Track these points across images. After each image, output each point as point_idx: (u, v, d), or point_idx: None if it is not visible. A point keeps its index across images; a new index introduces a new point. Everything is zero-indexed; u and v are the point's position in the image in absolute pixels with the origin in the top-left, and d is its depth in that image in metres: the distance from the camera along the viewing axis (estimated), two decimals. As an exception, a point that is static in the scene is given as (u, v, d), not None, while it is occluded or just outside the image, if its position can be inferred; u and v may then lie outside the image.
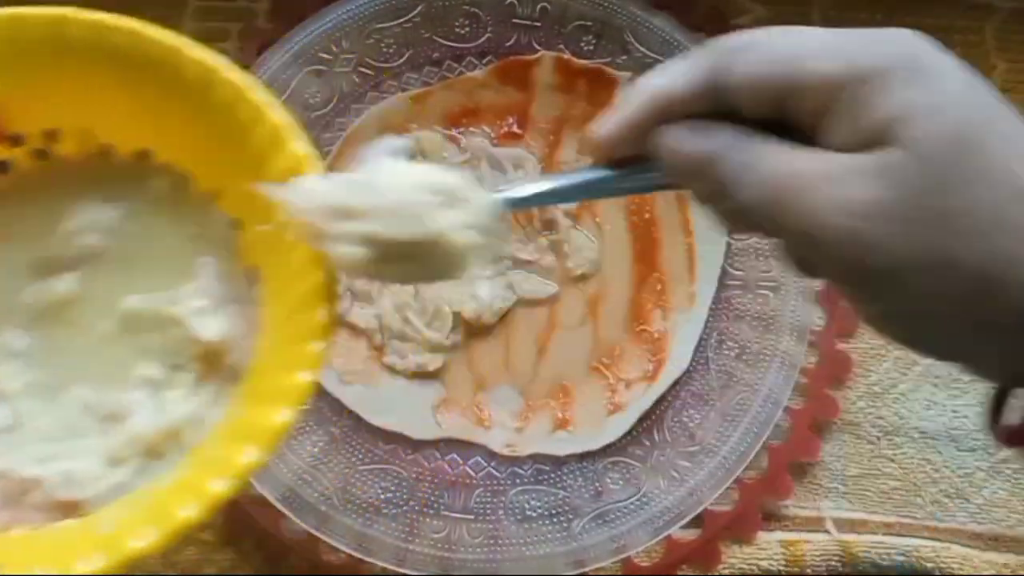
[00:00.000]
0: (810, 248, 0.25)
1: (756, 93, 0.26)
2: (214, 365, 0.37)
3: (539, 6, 0.49)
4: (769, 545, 0.44)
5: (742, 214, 0.27)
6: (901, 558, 0.43)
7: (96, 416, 0.35)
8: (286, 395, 0.30)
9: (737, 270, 0.46)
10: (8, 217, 0.36)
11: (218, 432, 0.32)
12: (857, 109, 0.24)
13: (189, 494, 0.29)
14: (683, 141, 0.27)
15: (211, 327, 0.36)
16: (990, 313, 0.24)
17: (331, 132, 0.49)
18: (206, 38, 0.50)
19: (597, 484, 0.44)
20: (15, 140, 0.36)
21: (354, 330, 0.46)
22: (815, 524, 0.44)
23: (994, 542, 0.44)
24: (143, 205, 0.37)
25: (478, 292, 0.46)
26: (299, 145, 0.32)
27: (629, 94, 0.28)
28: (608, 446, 0.44)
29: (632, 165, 0.29)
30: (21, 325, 0.36)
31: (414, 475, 0.44)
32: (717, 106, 0.26)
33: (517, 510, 0.43)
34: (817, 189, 0.24)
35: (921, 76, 0.24)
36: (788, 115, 0.26)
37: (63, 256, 0.36)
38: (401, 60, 0.49)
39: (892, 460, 0.45)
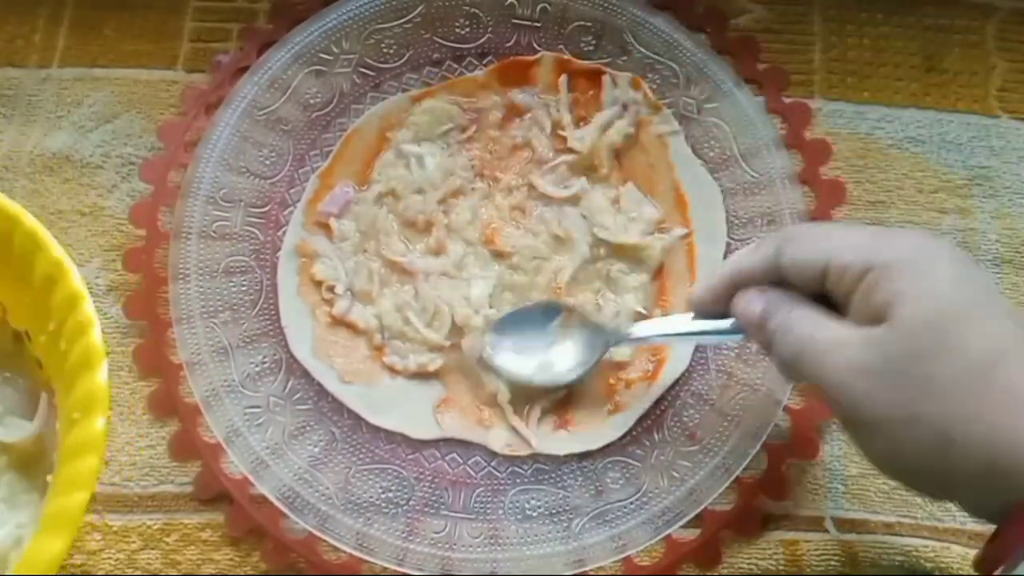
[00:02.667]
0: (823, 396, 0.33)
1: (800, 274, 0.34)
2: (33, 470, 0.38)
3: (539, 6, 0.49)
4: (769, 545, 0.43)
5: (782, 365, 0.35)
6: (901, 558, 0.43)
7: None
8: (59, 521, 0.31)
9: (737, 270, 0.46)
10: None
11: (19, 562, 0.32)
12: (869, 293, 0.31)
13: None
14: (745, 299, 0.36)
15: (13, 431, 0.38)
16: (946, 455, 0.30)
17: (331, 132, 0.49)
18: (206, 38, 0.51)
19: (597, 484, 0.44)
20: None
21: (354, 330, 0.46)
22: (815, 524, 0.44)
23: (994, 542, 0.44)
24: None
25: (471, 292, 0.46)
26: (53, 250, 0.36)
27: (719, 268, 0.38)
28: (608, 446, 0.44)
29: (721, 318, 0.38)
30: None
31: (414, 475, 0.44)
32: (780, 280, 0.35)
33: (517, 510, 0.43)
34: (828, 352, 0.32)
35: (916, 270, 0.31)
36: (827, 291, 0.33)
37: None
38: (401, 60, 0.49)
39: (892, 460, 0.45)
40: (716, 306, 0.38)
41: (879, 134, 0.50)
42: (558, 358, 0.44)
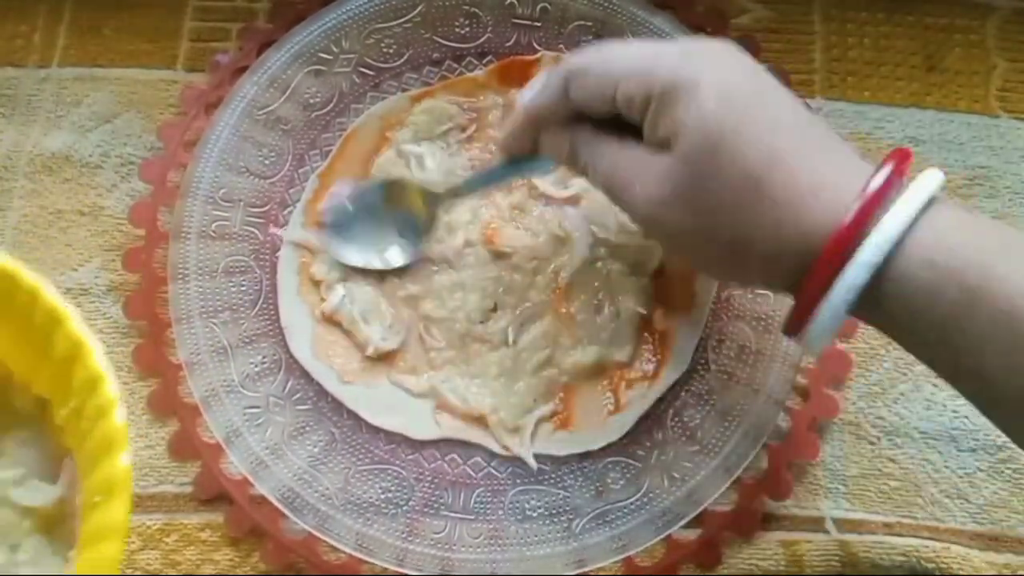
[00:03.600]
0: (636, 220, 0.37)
1: (592, 108, 0.36)
2: (58, 533, 0.37)
3: (539, 6, 0.49)
4: (769, 545, 0.44)
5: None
6: (901, 558, 0.43)
7: None
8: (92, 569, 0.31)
9: (737, 270, 0.46)
10: None
11: None
12: (654, 125, 0.33)
13: None
14: (549, 139, 0.38)
15: (36, 494, 0.37)
16: (743, 258, 0.34)
17: (331, 132, 0.49)
18: (206, 38, 0.51)
19: (598, 484, 0.44)
20: None
21: (354, 330, 0.46)
22: (815, 524, 0.44)
23: (994, 542, 0.44)
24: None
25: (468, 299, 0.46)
26: (73, 327, 0.34)
27: (515, 111, 0.39)
28: (609, 446, 0.44)
29: (528, 157, 0.40)
30: None
31: (414, 475, 0.44)
32: (576, 110, 0.36)
33: (517, 510, 0.43)
34: (630, 185, 0.34)
35: (685, 95, 0.32)
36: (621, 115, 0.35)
37: None
38: (401, 60, 0.49)
39: (892, 460, 0.45)
40: (525, 146, 0.39)
41: (879, 134, 0.50)
42: (399, 237, 0.46)
